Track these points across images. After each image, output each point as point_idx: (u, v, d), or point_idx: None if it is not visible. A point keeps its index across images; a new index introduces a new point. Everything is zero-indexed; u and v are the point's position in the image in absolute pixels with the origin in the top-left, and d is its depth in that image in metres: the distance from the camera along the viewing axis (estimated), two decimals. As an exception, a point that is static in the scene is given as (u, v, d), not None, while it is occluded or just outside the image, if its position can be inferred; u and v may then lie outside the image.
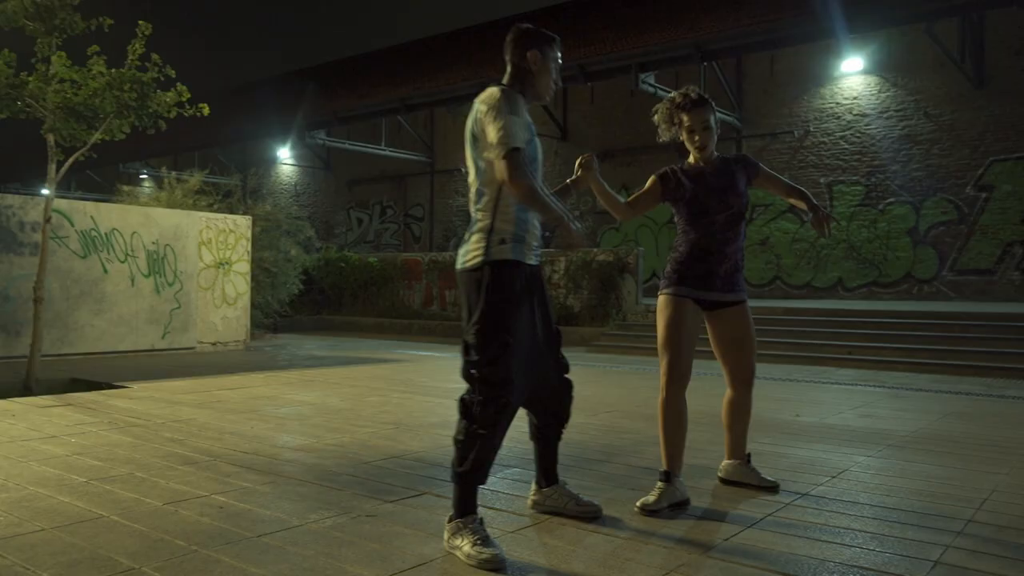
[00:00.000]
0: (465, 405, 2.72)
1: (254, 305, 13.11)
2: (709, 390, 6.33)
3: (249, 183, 15.13)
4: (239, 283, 11.68)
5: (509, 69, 2.94)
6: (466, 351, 2.74)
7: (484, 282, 2.71)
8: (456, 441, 2.71)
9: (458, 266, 2.83)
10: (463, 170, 21.78)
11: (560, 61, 3.01)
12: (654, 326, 12.71)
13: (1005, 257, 14.32)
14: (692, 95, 3.40)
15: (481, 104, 2.75)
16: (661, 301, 3.40)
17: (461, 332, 2.83)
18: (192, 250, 10.98)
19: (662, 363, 3.34)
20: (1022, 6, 12.01)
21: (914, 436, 4.93)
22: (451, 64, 20.95)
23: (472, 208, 2.85)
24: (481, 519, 2.67)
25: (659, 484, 3.26)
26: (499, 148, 2.66)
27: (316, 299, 17.71)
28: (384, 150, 21.24)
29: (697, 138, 3.40)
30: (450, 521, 2.67)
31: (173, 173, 13.87)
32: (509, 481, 3.65)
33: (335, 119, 20.65)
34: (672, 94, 3.51)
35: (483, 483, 2.71)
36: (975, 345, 9.55)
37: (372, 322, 16.49)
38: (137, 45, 6.34)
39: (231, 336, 11.49)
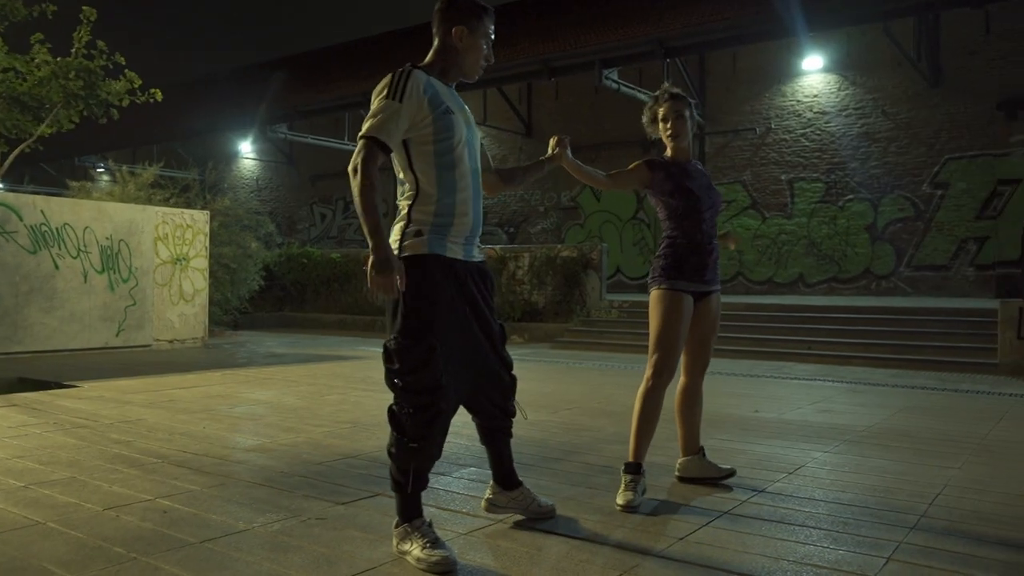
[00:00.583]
0: (394, 416, 2.57)
1: (213, 302, 12.87)
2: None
3: (208, 177, 14.80)
4: (197, 279, 11.45)
5: (435, 43, 2.74)
6: (387, 358, 2.56)
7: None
8: (389, 453, 2.58)
9: None
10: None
11: (493, 35, 2.77)
12: (618, 322, 12.71)
13: (960, 253, 14.59)
14: (672, 90, 3.49)
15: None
16: (657, 295, 3.38)
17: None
18: (148, 245, 10.73)
19: (653, 356, 3.32)
20: (975, 7, 12.23)
21: (870, 431, 4.97)
22: (413, 59, 20.74)
23: (397, 199, 2.70)
24: (429, 521, 2.60)
25: (630, 477, 3.23)
26: (363, 126, 2.52)
27: (278, 295, 17.45)
28: (347, 144, 20.96)
29: (669, 125, 3.44)
30: (397, 526, 2.59)
31: (125, 167, 13.49)
32: (465, 481, 3.59)
33: (297, 113, 20.33)
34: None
35: (424, 489, 2.62)
36: (931, 340, 9.71)
37: (335, 319, 16.29)
38: (82, 32, 6.13)
39: (188, 333, 11.27)
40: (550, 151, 3.28)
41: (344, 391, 6.61)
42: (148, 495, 3.28)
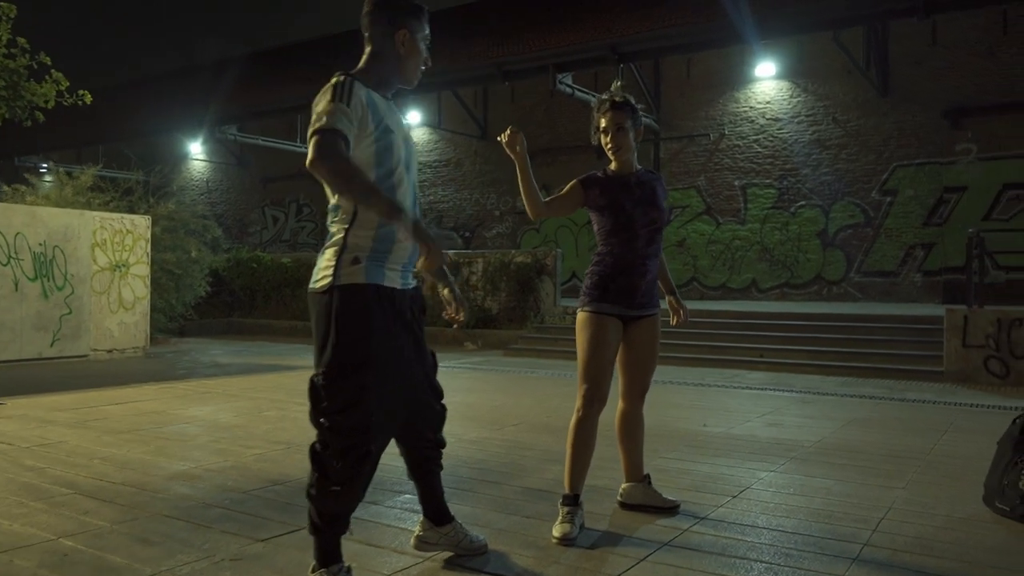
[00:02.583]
0: (316, 456, 2.37)
1: (157, 309, 12.46)
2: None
3: (152, 180, 14.34)
4: (137, 286, 11.06)
5: (369, 49, 2.50)
6: (314, 395, 2.36)
7: (334, 310, 2.33)
8: (308, 494, 2.39)
9: (309, 286, 2.44)
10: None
11: (429, 35, 2.57)
12: (572, 328, 12.61)
13: (908, 259, 14.83)
14: (614, 97, 3.27)
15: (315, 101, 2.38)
16: (583, 319, 3.22)
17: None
18: (84, 252, 10.32)
19: (581, 385, 3.16)
20: (922, 19, 12.41)
21: (817, 447, 4.92)
22: (369, 60, 20.44)
23: (328, 222, 2.46)
24: (348, 567, 2.43)
25: (567, 509, 3.09)
26: (310, 130, 2.25)
27: (226, 301, 17.02)
28: (300, 147, 20.57)
29: (608, 139, 3.25)
30: (313, 571, 2.41)
31: (62, 169, 12.99)
32: (396, 511, 3.42)
33: (247, 114, 19.91)
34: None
35: (344, 533, 2.44)
36: (879, 347, 9.79)
37: (286, 325, 15.93)
38: (1, 31, 5.80)
39: (129, 343, 10.87)
40: (503, 137, 3.07)
41: (284, 406, 6.37)
42: (51, 533, 3.04)
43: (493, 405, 6.58)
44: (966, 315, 8.54)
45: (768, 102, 16.35)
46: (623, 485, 3.50)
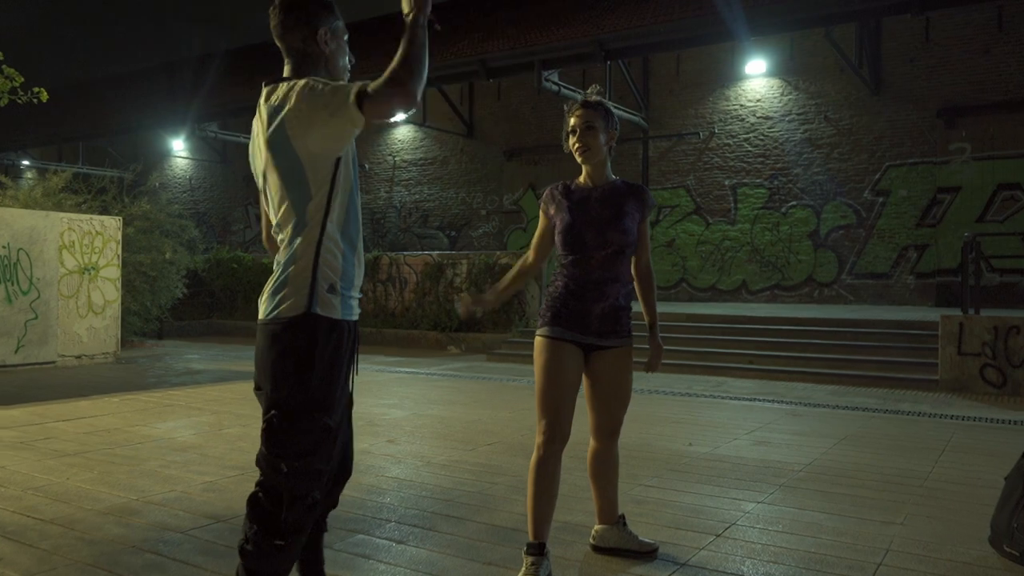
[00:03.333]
0: (259, 506, 2.08)
1: (131, 312, 12.11)
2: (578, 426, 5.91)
3: (127, 177, 13.93)
4: (108, 290, 10.69)
5: (292, 58, 2.26)
6: (270, 437, 2.07)
7: (312, 343, 2.06)
8: (242, 551, 2.08)
9: (264, 315, 2.12)
10: (366, 167, 20.95)
11: (346, 29, 2.35)
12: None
13: (900, 261, 14.57)
14: (589, 97, 2.97)
15: (286, 93, 2.12)
16: (537, 344, 2.91)
17: (263, 406, 2.12)
18: (51, 254, 9.95)
19: (540, 420, 2.84)
20: (916, 14, 12.14)
21: (808, 472, 4.62)
22: (368, 53, 20.06)
23: (282, 251, 2.16)
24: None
25: (531, 559, 2.76)
26: (355, 88, 2.01)
27: (206, 302, 16.65)
28: (283, 144, 20.17)
29: (575, 139, 2.92)
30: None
31: (34, 168, 12.62)
32: (346, 556, 3.09)
33: (230, 111, 19.49)
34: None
35: None
36: (872, 354, 9.51)
37: (266, 327, 15.58)
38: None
39: (99, 348, 10.50)
40: (462, 314, 2.95)
41: (248, 421, 6.03)
42: (-49, 589, 2.71)
43: (469, 420, 6.27)
44: (962, 322, 8.27)
45: (759, 100, 16.05)
46: (596, 527, 3.19)
